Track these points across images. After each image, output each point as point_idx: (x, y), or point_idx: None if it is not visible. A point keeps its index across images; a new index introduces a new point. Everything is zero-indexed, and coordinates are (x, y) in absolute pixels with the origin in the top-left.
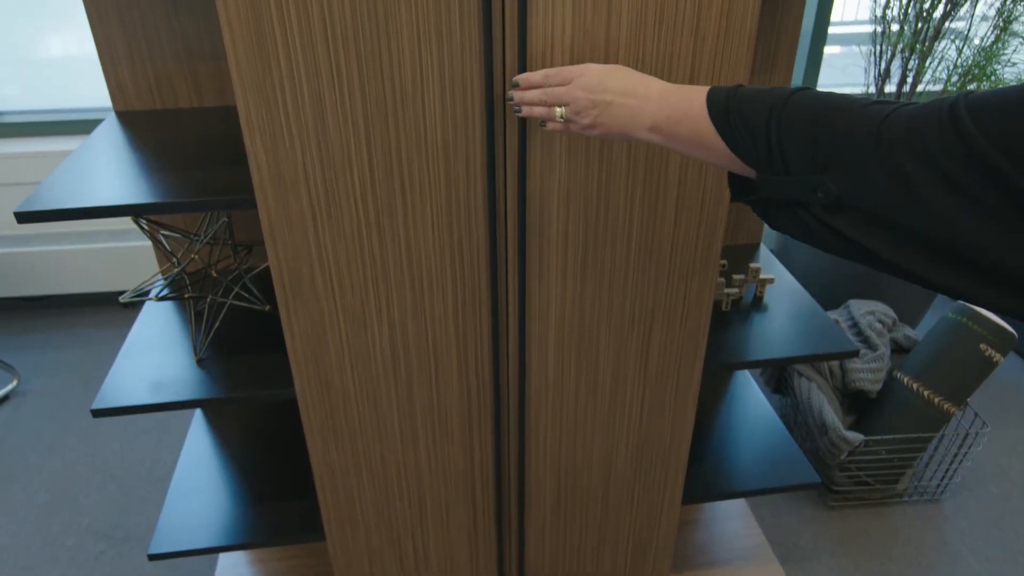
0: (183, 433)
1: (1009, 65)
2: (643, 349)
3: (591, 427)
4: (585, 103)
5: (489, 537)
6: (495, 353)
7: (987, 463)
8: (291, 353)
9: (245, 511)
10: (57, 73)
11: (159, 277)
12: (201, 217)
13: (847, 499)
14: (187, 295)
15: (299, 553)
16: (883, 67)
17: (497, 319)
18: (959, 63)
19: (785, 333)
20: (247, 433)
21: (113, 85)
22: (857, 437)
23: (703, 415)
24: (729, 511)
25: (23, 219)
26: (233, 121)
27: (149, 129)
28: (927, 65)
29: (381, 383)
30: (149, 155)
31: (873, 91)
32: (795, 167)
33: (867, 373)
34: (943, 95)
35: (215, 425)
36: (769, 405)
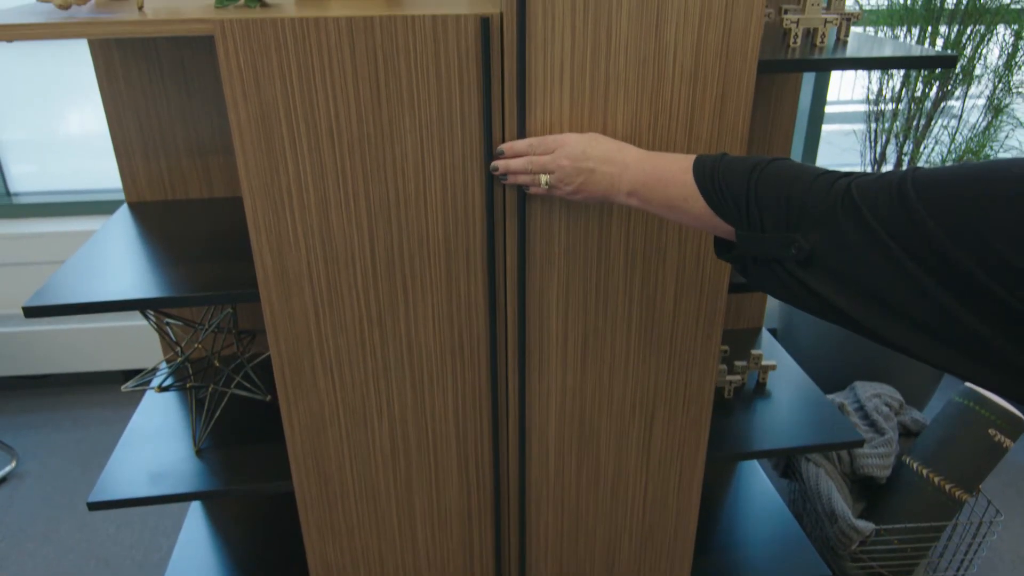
0: (179, 518)
1: (1003, 151)
2: (645, 438)
3: (593, 518)
4: (570, 171)
5: None
6: (495, 449)
7: (1004, 553)
8: (290, 447)
9: None
10: (74, 152)
11: (163, 364)
12: (206, 306)
13: None
14: (189, 384)
15: None
16: (879, 151)
17: (497, 415)
18: (952, 148)
19: (790, 421)
20: (244, 523)
21: (127, 178)
22: (868, 526)
23: (709, 503)
24: None
25: (31, 314)
26: (242, 211)
27: (159, 220)
28: (921, 151)
29: (380, 479)
30: (158, 247)
31: (870, 170)
32: (770, 226)
33: (875, 459)
34: None
35: (212, 513)
36: (776, 492)
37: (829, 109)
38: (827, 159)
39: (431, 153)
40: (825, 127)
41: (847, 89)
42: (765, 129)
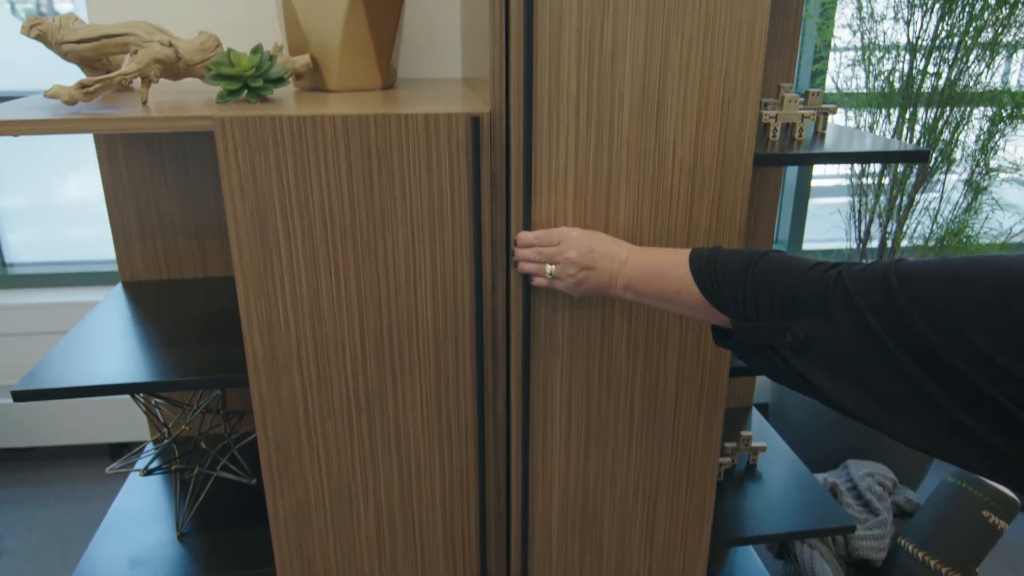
0: None
1: (984, 232)
2: (648, 524)
3: None
4: (575, 264)
5: None
6: (482, 537)
7: None
8: (274, 532)
9: None
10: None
11: (149, 444)
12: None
13: None
14: (175, 467)
15: None
16: (863, 230)
17: (485, 501)
18: (935, 229)
19: (781, 505)
20: None
21: (123, 259)
22: None
23: None
24: None
25: (21, 398)
26: (235, 290)
27: (153, 300)
28: (904, 231)
29: (365, 566)
30: (150, 328)
31: (856, 247)
32: (765, 316)
33: (870, 540)
34: (922, 254)
35: None
36: (770, 575)
37: (815, 182)
38: (813, 234)
39: (422, 243)
40: (813, 200)
41: (832, 166)
42: (751, 208)
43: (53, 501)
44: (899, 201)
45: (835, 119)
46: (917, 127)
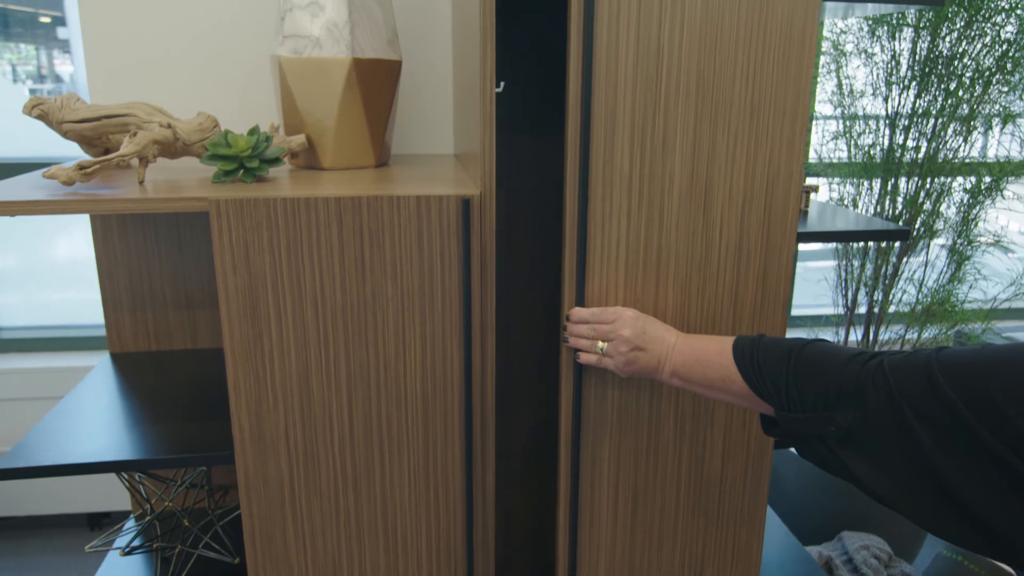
0: None
1: (968, 300)
2: None
3: None
4: (628, 343)
5: None
6: None
7: None
8: None
9: None
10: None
11: (130, 519)
12: None
13: None
14: (156, 545)
15: None
16: (850, 297)
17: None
18: (920, 298)
19: None
20: None
21: (112, 330)
22: None
23: None
24: None
25: (5, 476)
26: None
27: (140, 373)
28: (890, 299)
29: None
30: (136, 402)
31: (843, 312)
32: (809, 406)
33: None
34: (908, 322)
35: None
36: None
37: (802, 246)
38: (802, 299)
39: (412, 321)
40: (800, 263)
41: None
42: None
43: (32, 574)
44: (884, 270)
45: (819, 187)
46: (899, 199)
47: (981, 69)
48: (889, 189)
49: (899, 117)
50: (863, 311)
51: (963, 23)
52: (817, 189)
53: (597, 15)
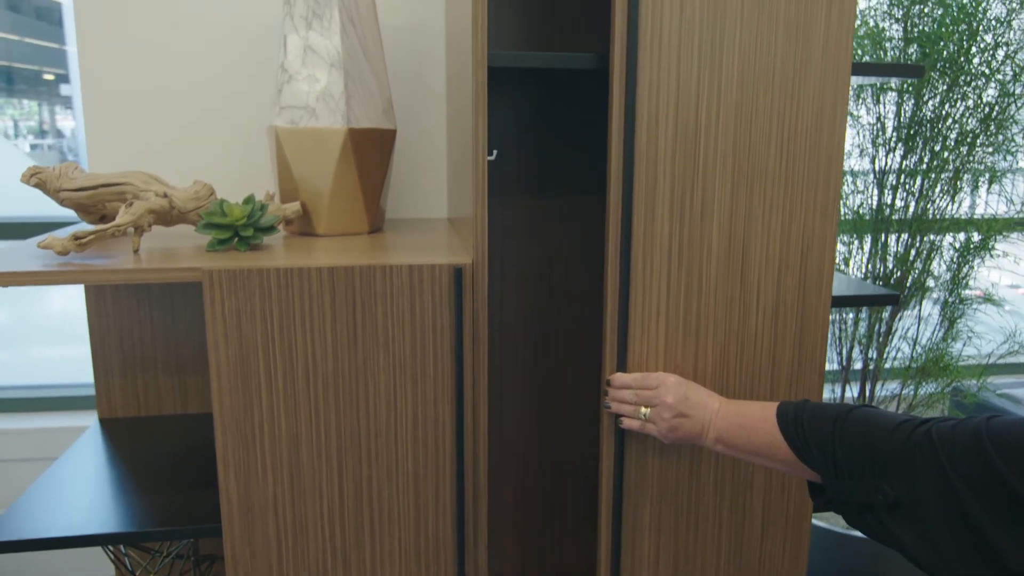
0: None
1: (962, 358)
2: None
3: None
4: (671, 409)
5: None
6: None
7: None
8: None
9: None
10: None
11: None
12: None
13: None
14: None
15: None
16: (844, 355)
17: None
18: (914, 356)
19: None
20: None
21: (102, 396)
22: None
23: None
24: None
25: None
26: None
27: (129, 440)
28: (885, 358)
29: None
30: (123, 472)
31: (838, 369)
32: (856, 473)
33: None
34: (904, 379)
35: None
36: None
37: None
38: None
39: (403, 389)
40: None
41: None
42: None
43: None
44: (878, 328)
45: None
46: (890, 257)
47: (965, 131)
48: (879, 248)
49: (886, 175)
50: (859, 367)
51: (945, 87)
52: None
53: (639, 92)
